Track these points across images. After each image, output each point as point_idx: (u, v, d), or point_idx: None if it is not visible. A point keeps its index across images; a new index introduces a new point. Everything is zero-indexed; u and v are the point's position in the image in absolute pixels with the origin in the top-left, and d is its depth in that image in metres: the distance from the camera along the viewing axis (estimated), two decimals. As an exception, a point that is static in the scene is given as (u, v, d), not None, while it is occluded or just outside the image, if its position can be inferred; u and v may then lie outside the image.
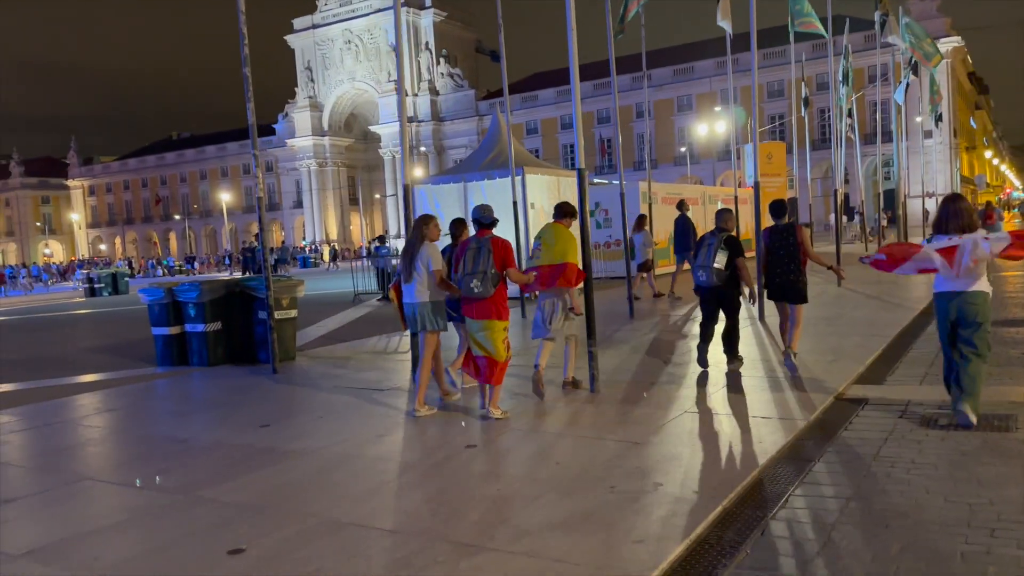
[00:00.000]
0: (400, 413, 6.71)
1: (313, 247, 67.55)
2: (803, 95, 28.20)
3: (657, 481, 4.50)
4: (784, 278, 7.41)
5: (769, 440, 5.21)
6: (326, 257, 63.73)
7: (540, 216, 17.09)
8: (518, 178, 16.70)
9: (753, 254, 8.88)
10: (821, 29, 17.17)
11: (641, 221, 15.88)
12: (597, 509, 4.13)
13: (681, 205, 16.03)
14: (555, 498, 4.33)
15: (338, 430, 6.18)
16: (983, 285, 5.28)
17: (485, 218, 6.21)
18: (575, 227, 6.91)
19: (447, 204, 17.78)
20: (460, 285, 6.07)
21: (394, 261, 19.93)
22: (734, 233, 7.61)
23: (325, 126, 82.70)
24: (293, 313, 9.72)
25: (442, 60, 78.53)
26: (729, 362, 7.60)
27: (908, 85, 29.85)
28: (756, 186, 11.55)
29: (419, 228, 6.37)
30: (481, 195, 17.40)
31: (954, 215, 5.27)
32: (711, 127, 51.10)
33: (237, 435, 6.21)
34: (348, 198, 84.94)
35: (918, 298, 12.69)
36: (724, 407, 6.20)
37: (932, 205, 47.58)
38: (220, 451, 5.76)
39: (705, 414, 5.99)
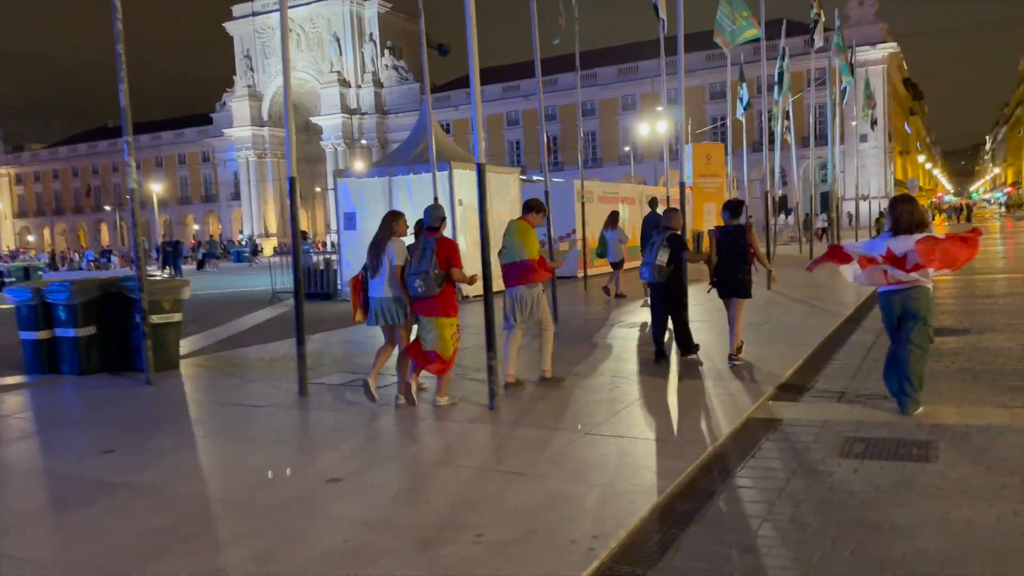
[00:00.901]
0: (272, 435, 5.98)
1: (247, 241, 65.47)
2: (740, 97, 28.18)
3: (531, 527, 3.87)
4: (733, 276, 7.66)
5: (667, 472, 4.64)
6: (267, 251, 61.85)
7: (468, 213, 16.43)
8: (443, 173, 16.01)
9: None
10: (725, 41, 15.82)
11: (614, 218, 15.34)
12: (452, 567, 3.48)
13: (653, 203, 15.71)
14: (409, 552, 3.67)
15: (191, 458, 5.41)
16: (925, 281, 5.51)
17: (427, 219, 6.36)
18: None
19: (371, 199, 16.98)
20: (407, 285, 6.23)
21: (315, 257, 19.06)
22: (679, 232, 7.97)
23: (264, 116, 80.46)
24: (176, 317, 8.84)
25: (387, 52, 77.13)
26: (683, 354, 8.09)
27: (846, 89, 30.12)
28: (681, 187, 11.09)
29: (388, 224, 6.47)
30: (406, 190, 16.69)
31: (906, 214, 5.47)
32: (653, 127, 51.07)
33: (72, 463, 5.38)
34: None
35: (845, 303, 12.43)
36: (628, 428, 5.62)
37: (866, 208, 48.45)
38: (39, 485, 4.94)
39: (605, 438, 5.40)
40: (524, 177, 27.89)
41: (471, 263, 16.47)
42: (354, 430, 5.99)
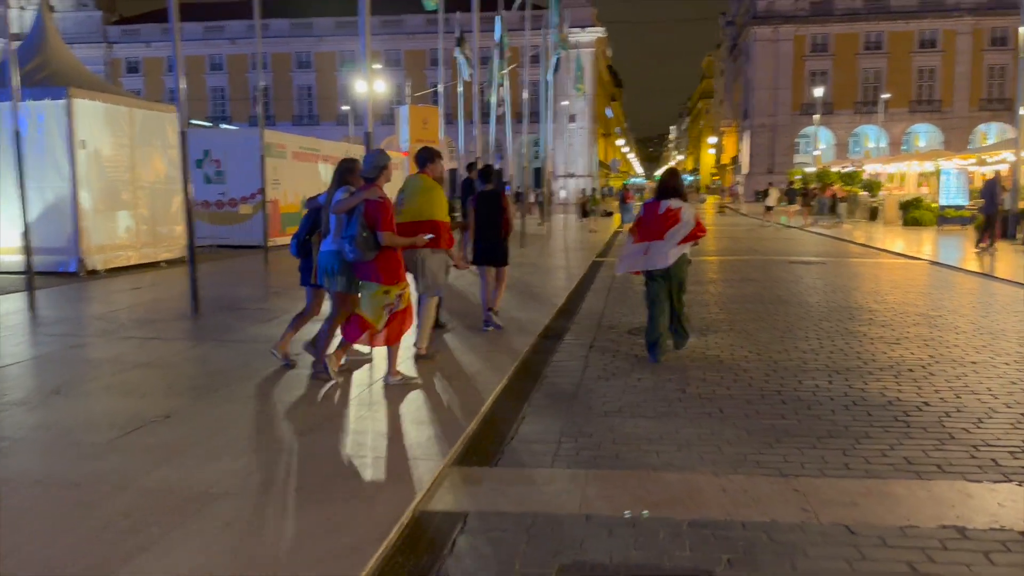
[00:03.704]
0: None
1: None
2: (467, 58, 26.55)
3: None
4: (492, 242, 7.50)
5: None
6: None
7: (98, 159, 12.35)
8: (59, 103, 11.78)
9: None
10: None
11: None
12: None
13: (470, 167, 14.14)
14: None
15: None
16: (685, 248, 6.39)
17: (366, 167, 5.43)
18: None
19: (-59, 132, 12.10)
20: (342, 248, 5.36)
21: None
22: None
23: None
24: None
25: (59, -31, 64.75)
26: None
27: (559, 61, 29.76)
28: (368, 137, 8.54)
29: (340, 175, 5.54)
30: (2, 123, 12.13)
31: (672, 186, 6.49)
32: (371, 86, 47.86)
33: None
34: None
35: (556, 290, 10.80)
36: (202, 548, 2.91)
37: (574, 184, 50.16)
38: None
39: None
40: (199, 123, 23.54)
41: (97, 228, 12.50)
42: None
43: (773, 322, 8.38)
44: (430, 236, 5.68)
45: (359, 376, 5.83)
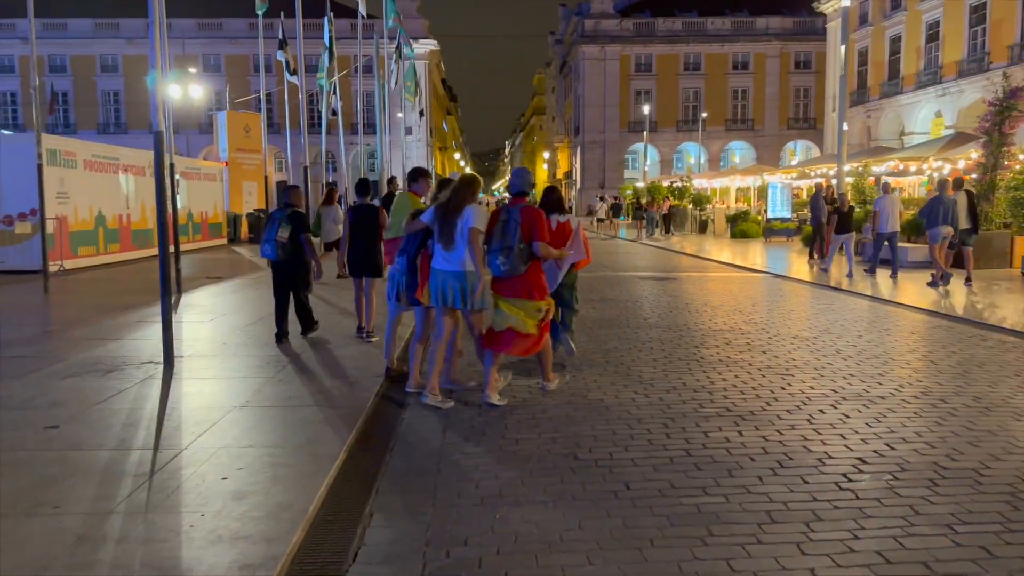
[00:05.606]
0: None
1: None
2: (286, 66, 24.61)
3: None
4: (366, 255, 7.64)
5: None
6: None
7: None
8: None
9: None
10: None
11: (331, 194, 13.76)
12: None
13: (391, 182, 14.71)
14: None
15: None
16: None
17: (515, 184, 5.67)
18: None
19: None
20: (488, 263, 5.36)
21: None
22: (300, 209, 7.73)
23: None
24: None
25: None
26: (303, 333, 7.84)
27: (396, 72, 28.56)
28: (158, 136, 6.79)
29: (463, 190, 5.35)
30: None
31: (555, 201, 6.51)
32: (185, 93, 44.02)
33: None
34: None
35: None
36: None
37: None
38: None
39: None
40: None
41: None
42: None
43: (649, 352, 7.49)
44: (573, 251, 5.78)
45: (138, 457, 4.22)
